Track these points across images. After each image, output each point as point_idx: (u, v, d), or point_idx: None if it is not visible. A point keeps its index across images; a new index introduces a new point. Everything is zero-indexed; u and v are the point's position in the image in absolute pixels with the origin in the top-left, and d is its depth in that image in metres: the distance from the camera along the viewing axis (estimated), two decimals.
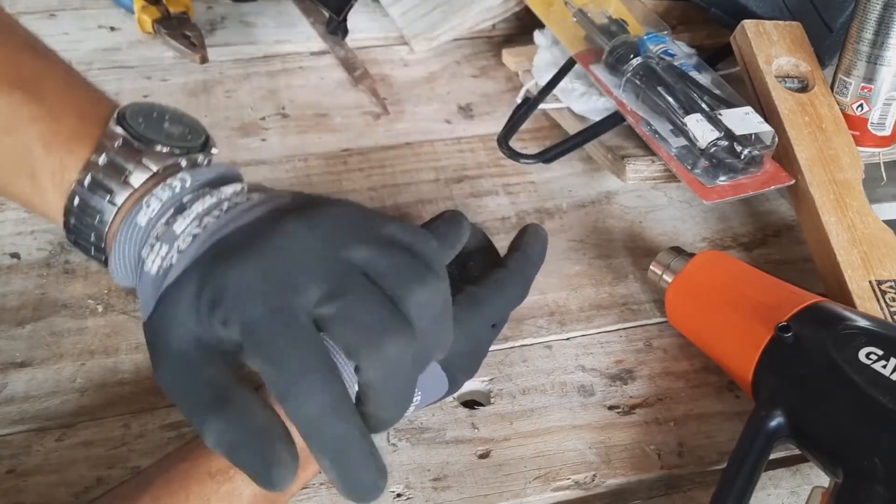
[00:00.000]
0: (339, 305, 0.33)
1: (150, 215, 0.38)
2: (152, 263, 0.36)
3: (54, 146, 0.39)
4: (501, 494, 0.47)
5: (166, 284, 0.35)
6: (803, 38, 0.64)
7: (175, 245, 0.36)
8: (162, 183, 0.38)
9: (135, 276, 0.38)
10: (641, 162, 0.62)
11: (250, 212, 0.37)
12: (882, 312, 0.52)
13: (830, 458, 0.44)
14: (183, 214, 0.37)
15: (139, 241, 0.38)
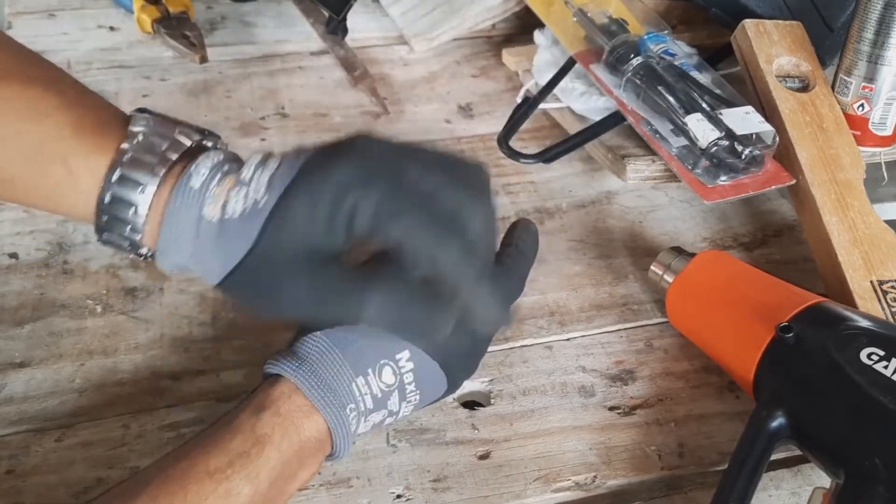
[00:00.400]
0: (435, 182, 0.38)
1: (202, 179, 0.40)
2: (234, 208, 0.39)
3: (84, 131, 0.40)
4: (502, 495, 0.47)
5: (264, 215, 0.38)
6: (804, 37, 0.64)
7: (251, 187, 0.39)
8: (200, 155, 0.41)
9: (194, 242, 0.40)
10: (642, 162, 0.62)
11: (303, 152, 0.40)
12: (883, 313, 0.52)
13: (831, 459, 0.43)
14: (242, 170, 0.40)
15: (197, 203, 0.40)
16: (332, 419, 0.43)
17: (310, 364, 0.43)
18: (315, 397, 0.43)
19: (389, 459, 0.48)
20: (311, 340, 0.44)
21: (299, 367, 0.43)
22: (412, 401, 0.46)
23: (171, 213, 0.41)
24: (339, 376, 0.43)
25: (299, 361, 0.43)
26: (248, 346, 0.55)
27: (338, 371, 0.43)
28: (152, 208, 0.41)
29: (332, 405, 0.43)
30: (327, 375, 0.43)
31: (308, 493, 0.46)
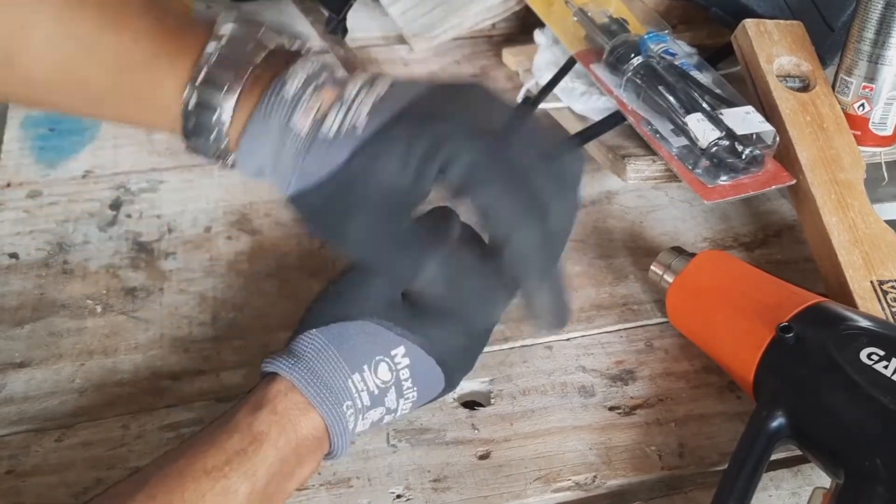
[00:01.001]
0: (533, 158, 0.38)
1: (295, 88, 0.38)
2: (330, 126, 0.38)
3: (166, 34, 0.39)
4: (502, 495, 0.47)
5: (361, 140, 0.37)
6: (804, 37, 0.64)
7: (353, 108, 0.38)
8: (296, 62, 0.39)
9: (275, 150, 0.39)
10: (642, 161, 0.62)
11: (414, 86, 0.39)
12: (883, 313, 0.52)
13: (832, 459, 0.43)
14: (346, 84, 0.39)
15: (287, 112, 0.38)
16: (328, 416, 0.43)
17: (306, 361, 0.43)
18: (311, 394, 0.43)
19: (389, 459, 0.48)
20: (307, 338, 0.44)
21: (295, 364, 0.43)
22: (410, 398, 0.46)
23: (256, 118, 0.39)
24: (334, 373, 0.43)
25: (295, 359, 0.43)
26: (247, 346, 0.55)
27: (333, 368, 0.43)
28: (237, 113, 0.39)
29: (328, 402, 0.43)
30: (323, 372, 0.43)
31: (308, 493, 0.46)
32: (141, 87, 0.40)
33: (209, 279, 0.59)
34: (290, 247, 0.62)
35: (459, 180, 0.37)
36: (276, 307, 0.57)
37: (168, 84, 0.40)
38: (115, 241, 0.62)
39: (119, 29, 0.40)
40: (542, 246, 0.37)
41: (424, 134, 0.37)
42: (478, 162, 0.36)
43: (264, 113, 0.39)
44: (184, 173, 0.68)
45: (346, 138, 0.38)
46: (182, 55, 0.39)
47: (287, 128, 0.39)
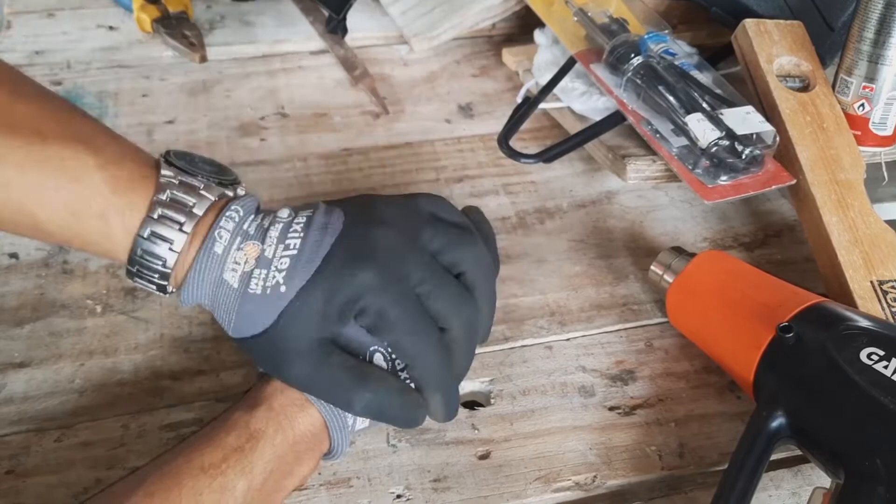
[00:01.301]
0: (431, 286, 0.45)
1: (224, 244, 0.45)
2: (256, 285, 0.44)
3: (120, 189, 0.45)
4: (502, 495, 0.47)
5: (286, 301, 0.43)
6: (805, 37, 0.64)
7: (272, 267, 0.44)
8: (221, 216, 0.45)
9: (213, 296, 0.45)
10: (642, 161, 0.62)
11: (327, 229, 0.45)
12: (883, 313, 0.52)
13: (832, 459, 0.43)
14: (265, 242, 0.45)
15: (218, 268, 0.45)
16: (326, 410, 0.44)
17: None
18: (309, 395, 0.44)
19: (389, 459, 0.48)
20: None
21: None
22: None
23: (196, 271, 0.45)
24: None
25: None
26: None
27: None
28: (179, 260, 0.45)
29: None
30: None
31: (308, 492, 0.46)
32: (94, 233, 0.45)
33: None
34: None
35: (370, 325, 0.44)
36: None
37: (117, 234, 0.45)
38: None
39: (80, 179, 0.44)
40: (438, 366, 0.45)
41: (341, 293, 0.43)
42: (383, 311, 0.43)
43: (200, 268, 0.45)
44: None
45: (272, 297, 0.43)
46: (132, 210, 0.45)
47: (221, 280, 0.45)
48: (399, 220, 0.47)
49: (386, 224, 0.46)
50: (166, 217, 0.44)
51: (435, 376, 0.45)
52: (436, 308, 0.45)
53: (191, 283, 0.45)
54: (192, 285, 0.45)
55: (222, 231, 0.45)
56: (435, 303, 0.45)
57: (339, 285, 0.43)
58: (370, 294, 0.43)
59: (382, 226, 0.45)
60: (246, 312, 0.44)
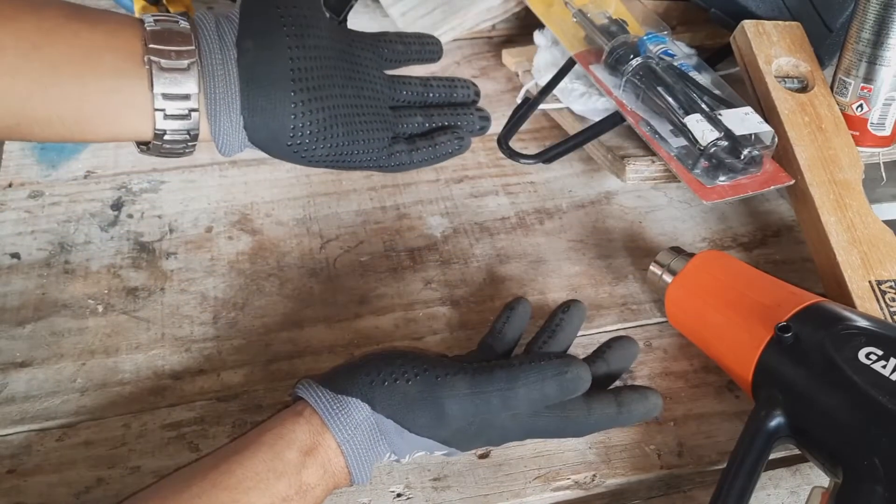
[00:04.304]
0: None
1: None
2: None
3: (127, 66, 0.45)
4: (501, 494, 0.47)
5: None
6: (803, 38, 0.64)
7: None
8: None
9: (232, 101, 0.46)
10: (641, 162, 0.62)
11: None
12: (882, 312, 0.52)
13: (830, 458, 0.44)
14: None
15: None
16: (353, 459, 0.43)
17: (353, 429, 0.43)
18: (354, 470, 0.43)
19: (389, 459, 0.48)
20: (357, 406, 0.44)
21: (345, 428, 0.43)
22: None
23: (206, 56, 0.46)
24: (375, 453, 0.44)
25: (346, 420, 0.43)
26: (248, 345, 0.55)
27: (376, 450, 0.44)
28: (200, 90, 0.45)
29: (364, 471, 0.44)
30: (366, 449, 0.43)
31: None
32: (108, 111, 0.45)
33: (210, 279, 0.59)
34: (291, 247, 0.62)
35: None
36: (276, 307, 0.58)
37: (138, 99, 0.45)
38: (116, 241, 0.62)
39: (80, 66, 0.44)
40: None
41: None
42: None
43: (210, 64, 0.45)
44: (185, 174, 0.68)
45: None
46: (140, 77, 0.45)
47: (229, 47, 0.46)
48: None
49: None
50: (174, 69, 0.45)
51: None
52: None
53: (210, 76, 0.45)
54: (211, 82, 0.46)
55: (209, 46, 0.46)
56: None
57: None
58: None
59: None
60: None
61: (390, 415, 0.43)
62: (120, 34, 0.45)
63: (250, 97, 0.46)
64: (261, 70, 0.46)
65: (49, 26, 0.44)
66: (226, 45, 0.46)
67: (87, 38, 0.44)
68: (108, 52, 0.44)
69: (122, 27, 0.45)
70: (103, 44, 0.44)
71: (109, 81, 0.44)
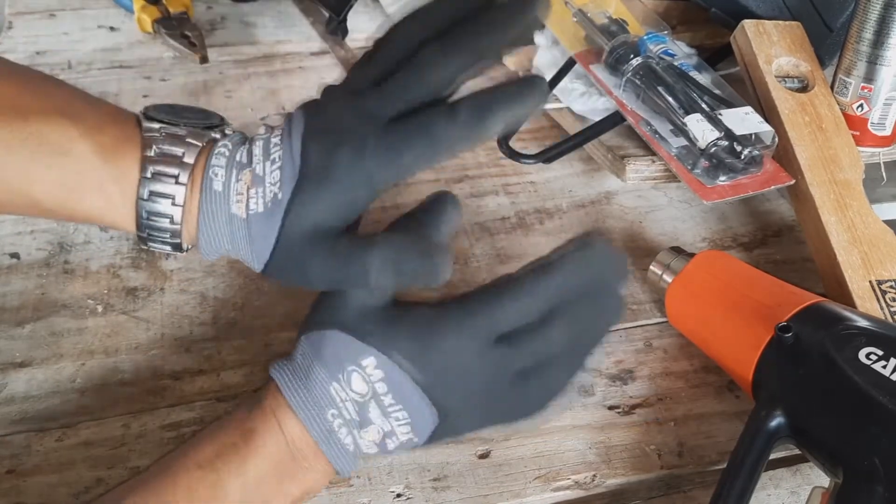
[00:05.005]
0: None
1: (222, 181, 0.44)
2: (256, 204, 0.43)
3: (108, 156, 0.44)
4: (501, 494, 0.47)
5: (283, 207, 0.42)
6: (803, 37, 0.64)
7: (266, 183, 0.43)
8: (211, 155, 0.44)
9: (230, 237, 0.44)
10: (641, 162, 0.62)
11: (296, 135, 0.44)
12: (882, 312, 0.52)
13: (830, 459, 0.44)
14: (253, 162, 0.44)
15: (225, 203, 0.44)
16: (307, 420, 0.41)
17: (292, 365, 0.43)
18: (291, 397, 0.42)
19: (389, 458, 0.48)
20: (299, 344, 0.44)
21: (283, 367, 0.43)
22: (401, 419, 0.42)
23: (203, 219, 0.44)
24: (315, 379, 0.42)
25: (287, 362, 0.43)
26: (248, 345, 0.55)
27: (315, 374, 0.42)
28: (185, 212, 0.44)
29: (307, 405, 0.42)
30: (304, 376, 0.42)
31: None
32: (94, 206, 0.45)
33: (210, 279, 0.59)
34: None
35: (374, 163, 0.43)
36: (276, 307, 0.58)
37: (118, 203, 0.44)
38: (115, 240, 0.62)
39: (66, 153, 0.43)
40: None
41: (325, 170, 0.42)
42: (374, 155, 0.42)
43: (208, 211, 0.44)
44: None
45: (273, 209, 0.43)
46: (125, 175, 0.44)
47: (231, 216, 0.44)
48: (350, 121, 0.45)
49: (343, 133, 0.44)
50: (160, 173, 0.44)
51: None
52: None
53: (203, 230, 0.44)
54: (205, 232, 0.44)
55: (216, 168, 0.44)
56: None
57: (326, 180, 0.43)
58: (358, 169, 0.43)
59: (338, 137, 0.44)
60: (257, 234, 0.43)
61: (310, 329, 0.44)
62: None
63: None
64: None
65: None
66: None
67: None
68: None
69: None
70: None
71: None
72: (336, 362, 0.42)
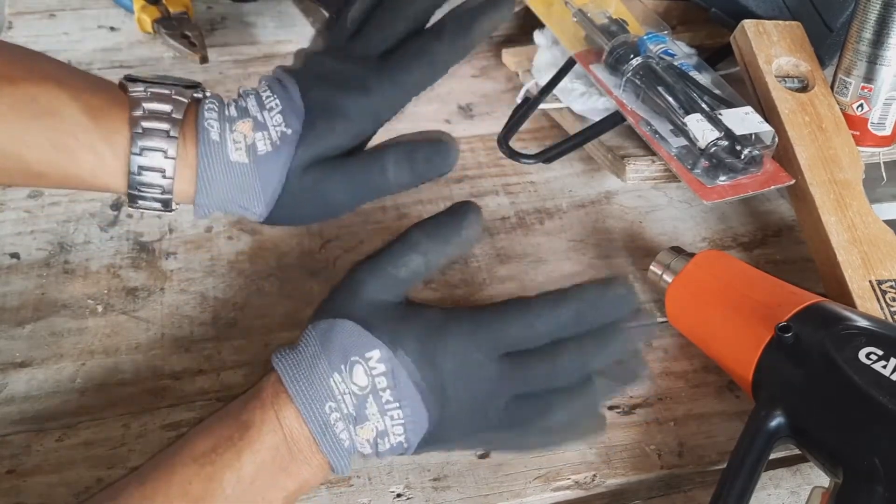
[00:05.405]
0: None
1: (217, 131, 0.45)
2: (265, 145, 0.45)
3: (99, 116, 0.45)
4: (501, 494, 0.47)
5: (295, 139, 0.45)
6: (803, 37, 0.64)
7: (270, 125, 0.45)
8: (201, 111, 0.46)
9: (228, 189, 0.45)
10: (641, 162, 0.62)
11: (287, 87, 0.48)
12: (882, 312, 0.52)
13: (830, 458, 0.44)
14: (249, 114, 0.46)
15: (222, 154, 0.45)
16: (305, 410, 0.41)
17: (295, 355, 0.43)
18: (291, 387, 0.41)
19: (389, 459, 0.48)
20: (305, 333, 0.44)
21: (285, 356, 0.43)
22: (396, 418, 0.42)
23: (203, 168, 0.45)
24: (318, 369, 0.42)
25: (290, 351, 0.43)
26: (248, 345, 0.55)
27: (318, 363, 0.42)
28: (178, 166, 0.45)
29: (307, 396, 0.41)
30: (307, 367, 0.42)
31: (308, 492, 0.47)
32: (87, 166, 0.45)
33: (210, 279, 0.59)
34: (290, 247, 0.62)
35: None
36: (276, 307, 0.58)
37: (110, 161, 0.45)
38: (116, 241, 0.62)
39: (57, 114, 0.44)
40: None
41: (331, 88, 0.46)
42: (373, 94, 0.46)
43: (206, 162, 0.45)
44: None
45: (282, 144, 0.45)
46: (116, 133, 0.45)
47: (231, 165, 0.45)
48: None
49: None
50: (150, 129, 0.45)
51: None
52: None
53: (202, 178, 0.45)
54: (204, 180, 0.45)
55: (210, 121, 0.46)
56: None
57: (326, 73, 0.47)
58: (358, 91, 0.46)
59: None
60: (266, 174, 0.45)
61: (320, 318, 0.44)
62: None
63: None
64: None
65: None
66: None
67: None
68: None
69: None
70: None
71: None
72: (341, 352, 0.42)
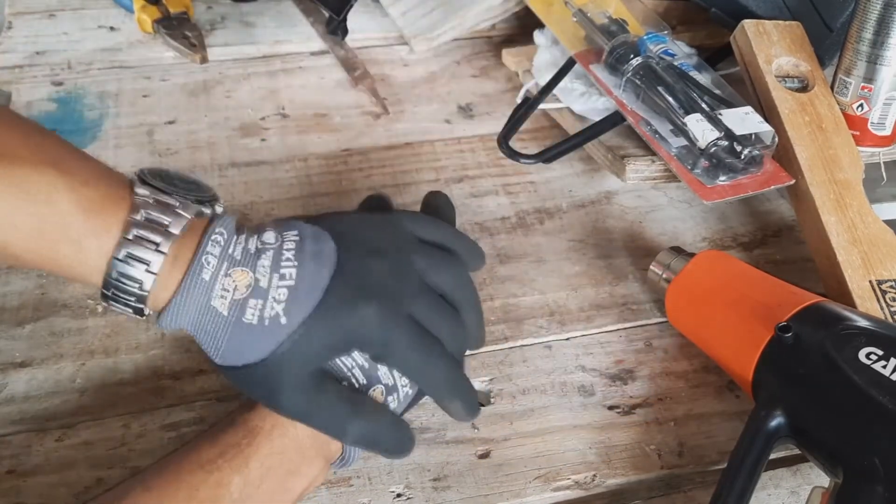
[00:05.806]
0: (424, 307, 0.46)
1: (212, 271, 0.43)
2: (252, 315, 0.42)
3: (92, 211, 0.42)
4: (501, 494, 0.47)
5: (287, 332, 0.42)
6: (803, 37, 0.64)
7: (270, 298, 0.43)
8: (207, 240, 0.43)
9: (197, 322, 0.43)
10: (641, 162, 0.62)
11: (322, 259, 0.44)
12: (882, 312, 0.52)
13: (830, 458, 0.44)
14: (257, 270, 0.43)
15: (205, 294, 0.43)
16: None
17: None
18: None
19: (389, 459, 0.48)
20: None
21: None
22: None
23: (179, 300, 0.43)
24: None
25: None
26: None
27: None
28: (158, 282, 0.43)
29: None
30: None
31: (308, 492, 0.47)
32: (67, 257, 0.43)
33: None
34: None
35: (376, 354, 0.45)
36: None
37: (92, 258, 0.42)
38: None
39: (51, 202, 0.42)
40: (450, 372, 0.46)
41: (342, 326, 0.43)
42: (387, 339, 0.44)
43: (185, 294, 0.42)
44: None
45: (270, 327, 0.42)
46: (106, 232, 0.42)
47: (209, 307, 0.43)
48: (391, 248, 0.47)
49: (380, 254, 0.46)
50: (142, 238, 0.42)
51: (449, 382, 0.46)
52: (428, 326, 0.46)
53: (175, 307, 0.43)
54: (176, 310, 0.43)
55: (209, 257, 0.43)
56: (429, 323, 0.46)
57: (341, 319, 0.43)
58: (373, 325, 0.44)
59: (377, 256, 0.46)
60: (239, 342, 0.43)
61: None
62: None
63: None
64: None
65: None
66: None
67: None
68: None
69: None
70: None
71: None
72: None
